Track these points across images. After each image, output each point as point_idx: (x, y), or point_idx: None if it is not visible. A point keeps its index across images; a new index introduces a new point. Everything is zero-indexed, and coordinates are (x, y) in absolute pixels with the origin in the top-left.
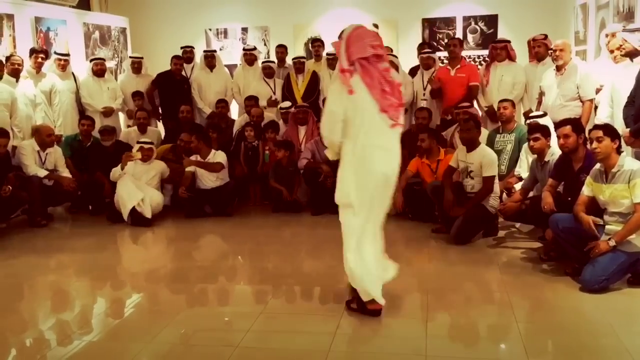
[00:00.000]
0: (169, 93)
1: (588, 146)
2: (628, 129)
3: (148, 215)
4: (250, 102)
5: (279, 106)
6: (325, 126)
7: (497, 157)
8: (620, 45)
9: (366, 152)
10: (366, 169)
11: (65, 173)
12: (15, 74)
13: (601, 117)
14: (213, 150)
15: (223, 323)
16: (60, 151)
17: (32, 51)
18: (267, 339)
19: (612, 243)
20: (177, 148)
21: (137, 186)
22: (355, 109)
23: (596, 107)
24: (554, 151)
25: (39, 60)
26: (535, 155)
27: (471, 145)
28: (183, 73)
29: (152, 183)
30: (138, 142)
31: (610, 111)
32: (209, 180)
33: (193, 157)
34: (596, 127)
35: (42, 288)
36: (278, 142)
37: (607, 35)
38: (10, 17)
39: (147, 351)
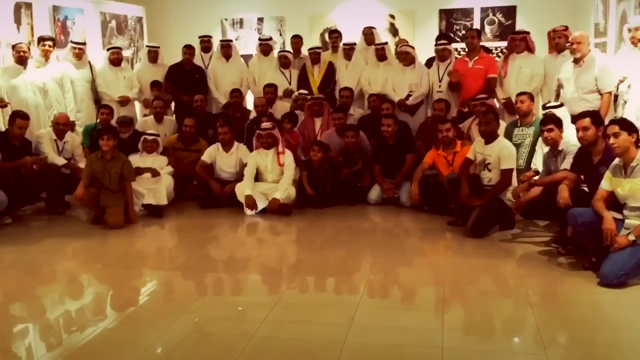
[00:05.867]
0: (180, 84)
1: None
2: None
3: (164, 202)
4: (270, 89)
5: (296, 93)
6: None
7: (516, 150)
8: None
9: None
10: None
11: (82, 162)
12: (22, 61)
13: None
14: (236, 144)
15: (238, 313)
16: (78, 140)
17: (39, 39)
18: (282, 329)
19: (631, 237)
20: (184, 134)
21: (138, 184)
22: None
23: (615, 99)
24: (567, 140)
25: (47, 47)
26: (548, 148)
27: (490, 137)
28: (200, 62)
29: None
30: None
31: None
32: (226, 171)
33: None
34: (612, 122)
35: (59, 275)
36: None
37: (630, 30)
38: (29, 5)
39: (162, 339)
